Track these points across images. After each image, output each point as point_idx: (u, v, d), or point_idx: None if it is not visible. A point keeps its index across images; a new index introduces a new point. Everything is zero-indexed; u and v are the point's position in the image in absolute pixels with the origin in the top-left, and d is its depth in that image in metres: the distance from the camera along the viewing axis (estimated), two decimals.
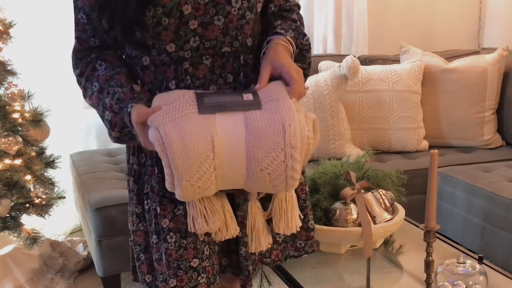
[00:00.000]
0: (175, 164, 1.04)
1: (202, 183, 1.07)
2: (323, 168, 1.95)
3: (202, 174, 1.06)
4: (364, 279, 1.76)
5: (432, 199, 1.46)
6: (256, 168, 1.08)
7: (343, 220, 1.78)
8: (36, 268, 2.53)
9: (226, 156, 1.07)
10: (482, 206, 2.42)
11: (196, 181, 1.06)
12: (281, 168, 1.07)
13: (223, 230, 1.17)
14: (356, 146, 2.88)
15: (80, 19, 1.20)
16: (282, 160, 1.06)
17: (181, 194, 1.08)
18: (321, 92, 2.79)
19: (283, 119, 1.06)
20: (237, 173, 1.09)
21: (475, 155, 2.92)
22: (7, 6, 2.56)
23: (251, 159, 1.07)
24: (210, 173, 1.07)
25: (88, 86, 1.20)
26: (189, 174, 1.05)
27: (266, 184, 1.10)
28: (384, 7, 3.58)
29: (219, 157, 1.06)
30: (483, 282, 1.53)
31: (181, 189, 1.07)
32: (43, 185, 2.60)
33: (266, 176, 1.08)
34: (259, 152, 1.07)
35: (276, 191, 1.13)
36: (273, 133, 1.06)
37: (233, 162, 1.08)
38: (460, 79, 3.04)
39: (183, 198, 1.10)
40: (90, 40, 1.21)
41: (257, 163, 1.07)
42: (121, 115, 1.15)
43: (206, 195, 1.11)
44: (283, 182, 1.09)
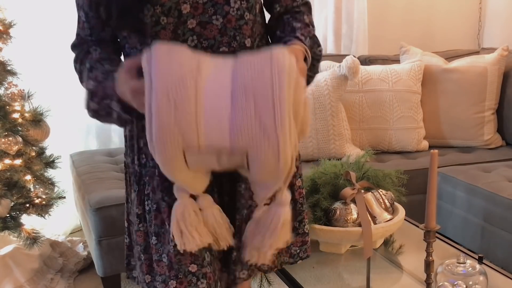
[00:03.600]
0: (156, 85, 1.00)
1: (179, 100, 1.00)
2: (323, 168, 1.96)
3: (182, 89, 1.01)
4: (364, 279, 1.76)
5: (432, 199, 1.46)
6: (241, 98, 1.02)
7: (343, 220, 1.78)
8: (36, 268, 2.53)
9: (210, 79, 1.04)
10: (482, 206, 2.42)
11: (174, 95, 1.00)
12: (268, 92, 1.01)
13: (214, 244, 1.16)
14: (356, 146, 2.88)
15: (80, 16, 1.23)
16: (268, 79, 1.01)
17: (157, 123, 1.01)
18: (321, 92, 2.79)
19: (271, 51, 1.04)
20: (220, 104, 1.04)
21: (475, 155, 2.92)
22: (7, 6, 2.56)
23: (235, 84, 1.03)
24: (191, 93, 1.02)
25: (83, 69, 1.22)
26: (169, 86, 1.00)
27: (252, 122, 1.02)
28: (384, 7, 3.58)
29: (202, 78, 1.03)
30: (483, 282, 1.53)
31: (157, 113, 1.00)
32: (43, 185, 2.60)
33: (251, 102, 1.02)
34: (245, 72, 1.03)
35: (263, 135, 1.03)
36: (260, 60, 1.03)
37: (217, 90, 1.04)
38: (460, 79, 3.04)
39: (160, 135, 1.02)
40: (87, 38, 1.24)
41: (242, 87, 1.02)
42: (104, 84, 1.14)
43: (186, 130, 1.02)
44: (271, 111, 1.01)
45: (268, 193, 1.12)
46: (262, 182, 1.11)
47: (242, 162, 1.06)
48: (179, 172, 1.08)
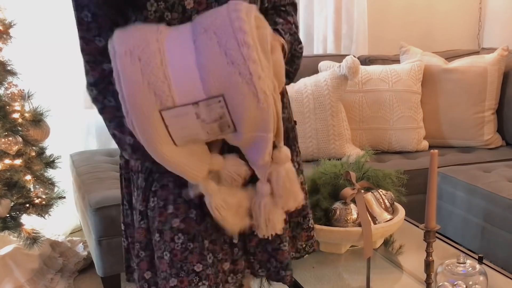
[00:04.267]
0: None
1: (144, 56, 1.00)
2: (323, 168, 1.95)
3: (145, 46, 1.01)
4: (364, 279, 1.76)
5: (432, 199, 1.46)
6: (203, 38, 1.01)
7: (343, 220, 1.78)
8: (36, 268, 2.53)
9: (171, 34, 1.04)
10: (482, 206, 2.42)
11: (137, 52, 1.00)
12: (227, 26, 1.00)
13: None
14: (356, 146, 2.88)
15: (84, 18, 1.17)
16: (226, 16, 1.01)
17: (126, 85, 1.00)
18: (321, 92, 2.79)
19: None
20: (185, 51, 1.03)
21: (475, 155, 2.92)
22: (7, 6, 2.56)
23: (196, 30, 1.03)
24: (154, 47, 1.02)
25: (100, 99, 1.19)
26: (131, 46, 1.00)
27: (219, 60, 1.00)
28: (384, 7, 3.58)
29: (163, 35, 1.03)
30: (483, 282, 1.53)
31: (126, 87, 1.00)
32: (43, 185, 2.60)
33: (214, 38, 1.01)
34: (203, 19, 1.04)
35: (231, 71, 1.00)
36: (217, 8, 1.05)
37: (179, 40, 1.04)
38: (460, 79, 3.04)
39: (131, 97, 1.01)
40: (95, 39, 1.17)
41: (202, 30, 1.02)
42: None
43: (156, 85, 1.01)
44: (234, 42, 1.00)
45: (264, 154, 1.09)
46: (252, 139, 1.07)
47: (223, 115, 1.03)
48: (165, 145, 1.04)
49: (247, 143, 1.09)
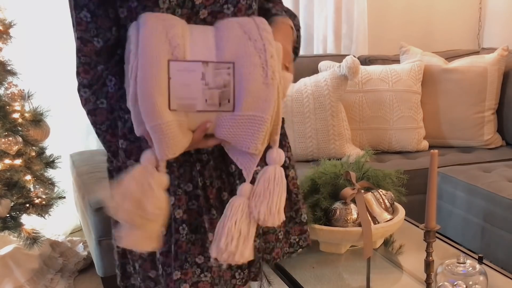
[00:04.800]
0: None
1: (168, 23, 1.04)
2: (323, 168, 1.95)
3: (169, 22, 1.05)
4: (364, 279, 1.76)
5: (432, 199, 1.46)
6: (225, 27, 1.07)
7: (343, 220, 1.78)
8: (36, 268, 2.53)
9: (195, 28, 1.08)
10: (482, 206, 2.42)
11: (162, 19, 1.04)
12: (250, 22, 1.08)
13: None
14: (356, 146, 2.88)
15: (82, 18, 1.17)
16: (251, 21, 1.08)
17: (145, 32, 1.02)
18: (321, 92, 2.79)
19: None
20: (206, 32, 1.07)
21: (475, 155, 2.92)
22: (7, 6, 2.56)
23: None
24: (177, 22, 1.06)
25: (93, 101, 1.19)
26: (156, 19, 1.04)
27: (237, 31, 1.06)
28: (384, 7, 3.58)
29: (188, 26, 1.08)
30: (483, 282, 1.53)
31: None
32: (43, 185, 2.60)
33: (235, 22, 1.07)
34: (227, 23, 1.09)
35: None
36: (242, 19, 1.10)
37: (202, 31, 1.08)
38: (460, 79, 3.04)
39: (147, 41, 1.02)
40: (93, 39, 1.17)
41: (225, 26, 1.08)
42: (138, 144, 1.16)
43: (173, 40, 1.04)
44: (255, 28, 1.06)
45: (258, 139, 1.06)
46: (247, 120, 1.05)
47: (228, 84, 1.04)
48: (161, 97, 1.02)
49: (241, 125, 1.06)
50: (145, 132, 1.06)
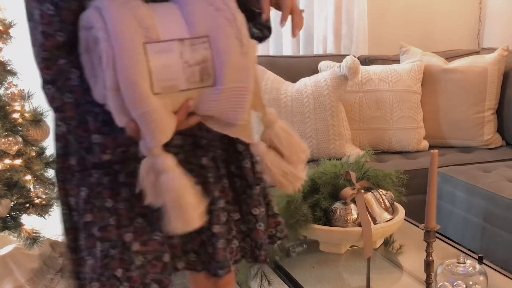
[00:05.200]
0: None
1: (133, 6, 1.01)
2: (323, 168, 1.95)
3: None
4: (364, 279, 1.76)
5: (432, 199, 1.46)
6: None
7: (343, 220, 1.78)
8: (36, 268, 2.53)
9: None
10: (482, 206, 2.42)
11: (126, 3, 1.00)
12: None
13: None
14: (356, 146, 2.88)
15: (45, 11, 1.10)
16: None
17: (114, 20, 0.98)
18: (321, 92, 2.79)
19: None
20: (169, 5, 1.06)
21: (475, 155, 2.92)
22: (7, 6, 2.56)
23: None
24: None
25: (58, 97, 1.14)
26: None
27: (206, 7, 1.04)
28: (384, 7, 3.58)
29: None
30: (483, 282, 1.53)
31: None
32: (43, 185, 2.60)
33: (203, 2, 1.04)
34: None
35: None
36: None
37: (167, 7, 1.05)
38: (460, 79, 3.04)
39: (118, 27, 0.98)
40: (56, 34, 1.11)
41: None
42: (112, 136, 1.12)
43: (144, 23, 1.01)
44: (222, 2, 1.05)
45: (244, 110, 1.08)
46: (231, 92, 1.06)
47: (207, 58, 1.03)
48: (146, 82, 1.00)
49: (225, 98, 1.06)
50: (129, 121, 1.03)
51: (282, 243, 1.81)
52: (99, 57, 1.02)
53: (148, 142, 1.04)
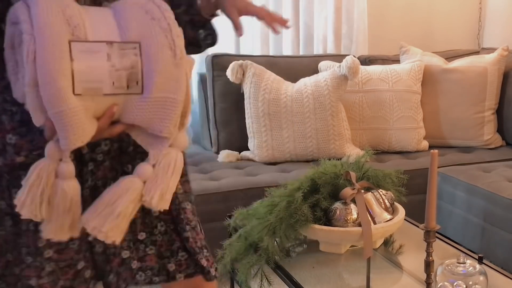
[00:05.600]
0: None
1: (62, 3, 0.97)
2: (323, 168, 1.95)
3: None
4: (364, 279, 1.76)
5: (432, 199, 1.46)
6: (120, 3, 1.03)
7: (343, 220, 1.78)
8: None
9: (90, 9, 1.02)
10: (482, 206, 2.42)
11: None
12: (149, 2, 1.04)
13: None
14: (356, 146, 2.88)
15: None
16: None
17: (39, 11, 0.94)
18: (321, 92, 2.79)
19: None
20: (102, 9, 1.04)
21: (475, 155, 2.92)
22: None
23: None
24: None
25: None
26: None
27: (139, 12, 1.01)
28: (384, 7, 3.58)
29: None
30: (483, 282, 1.53)
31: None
32: None
33: (134, 4, 1.02)
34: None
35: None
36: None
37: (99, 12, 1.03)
38: (460, 79, 3.04)
39: (44, 20, 0.94)
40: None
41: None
42: (29, 137, 1.07)
43: (72, 19, 0.97)
44: (155, 7, 1.02)
45: (171, 122, 1.03)
46: (159, 102, 1.02)
47: (136, 65, 1.00)
48: (65, 81, 0.94)
49: (152, 108, 1.03)
50: (47, 120, 0.98)
51: (282, 243, 1.80)
52: (25, 50, 0.98)
53: (62, 144, 0.99)
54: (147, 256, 1.28)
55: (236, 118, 2.93)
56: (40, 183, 1.01)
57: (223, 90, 2.95)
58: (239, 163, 2.82)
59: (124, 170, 1.21)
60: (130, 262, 1.26)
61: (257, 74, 2.81)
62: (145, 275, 1.28)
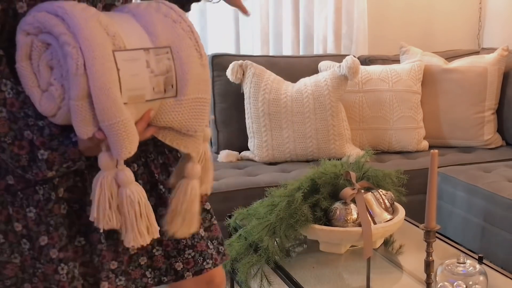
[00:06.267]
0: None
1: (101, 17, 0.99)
2: (323, 168, 1.95)
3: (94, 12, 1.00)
4: (364, 279, 1.76)
5: (432, 199, 1.46)
6: (136, 6, 1.06)
7: (343, 220, 1.78)
8: None
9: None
10: (482, 206, 2.42)
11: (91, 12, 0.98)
12: (163, 6, 1.08)
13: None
14: (356, 146, 2.88)
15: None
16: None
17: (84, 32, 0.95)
18: (321, 92, 2.79)
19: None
20: (122, 14, 1.06)
21: (475, 155, 2.92)
22: None
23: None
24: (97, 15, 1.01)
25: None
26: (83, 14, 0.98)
27: (160, 18, 1.05)
28: (384, 7, 3.58)
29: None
30: (483, 282, 1.53)
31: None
32: None
33: (150, 7, 1.05)
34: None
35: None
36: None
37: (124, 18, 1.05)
38: (460, 79, 3.04)
39: (88, 35, 0.95)
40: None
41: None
42: (61, 151, 1.05)
43: (113, 33, 0.99)
44: (182, 21, 1.06)
45: (204, 120, 1.07)
46: (192, 103, 1.05)
47: (170, 68, 1.03)
48: (115, 89, 0.96)
49: (188, 109, 1.06)
50: (97, 132, 0.99)
51: (282, 243, 1.81)
52: (46, 64, 0.98)
53: (116, 154, 1.00)
54: (155, 257, 1.29)
55: (236, 118, 2.93)
56: (106, 195, 1.03)
57: (223, 90, 2.95)
58: (239, 163, 2.82)
59: (130, 169, 1.22)
60: (139, 258, 1.27)
61: (257, 74, 2.81)
62: (154, 274, 1.29)
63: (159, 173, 1.27)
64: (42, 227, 1.11)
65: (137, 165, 1.24)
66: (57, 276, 1.13)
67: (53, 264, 1.13)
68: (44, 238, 1.12)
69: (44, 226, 1.12)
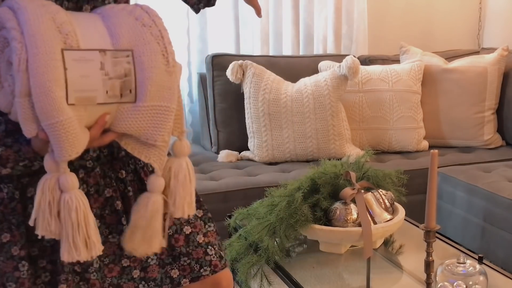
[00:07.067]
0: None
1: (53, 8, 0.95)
2: (323, 168, 1.95)
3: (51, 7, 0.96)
4: (364, 279, 1.76)
5: (432, 199, 1.46)
6: (108, 8, 1.03)
7: (343, 220, 1.78)
8: None
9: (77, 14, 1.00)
10: (482, 206, 2.42)
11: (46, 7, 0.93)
12: (137, 8, 1.04)
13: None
14: (356, 146, 2.88)
15: None
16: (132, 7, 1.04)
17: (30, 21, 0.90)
18: (321, 92, 2.79)
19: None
20: (90, 15, 1.03)
21: (475, 155, 2.92)
22: None
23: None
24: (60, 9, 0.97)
25: None
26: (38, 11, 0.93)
27: (129, 20, 1.01)
28: (384, 7, 3.58)
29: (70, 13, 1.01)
30: (483, 282, 1.53)
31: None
32: None
33: (123, 10, 1.01)
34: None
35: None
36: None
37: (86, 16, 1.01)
38: (460, 79, 3.04)
39: (36, 29, 0.91)
40: None
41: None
42: (15, 148, 1.03)
43: (64, 28, 0.94)
44: (144, 14, 1.02)
45: (165, 130, 1.02)
46: (152, 111, 1.00)
47: (129, 73, 0.98)
48: (61, 91, 0.92)
49: (146, 116, 1.01)
50: (40, 131, 0.95)
51: (282, 243, 1.81)
52: (7, 60, 0.95)
53: (57, 156, 0.96)
54: (149, 267, 1.25)
55: (236, 118, 2.93)
56: (46, 199, 0.98)
57: (223, 90, 2.95)
58: (239, 163, 2.82)
59: (118, 176, 1.20)
60: (131, 271, 1.23)
61: (257, 74, 2.81)
62: (148, 286, 1.25)
63: None
64: (5, 225, 1.11)
65: (126, 172, 1.21)
66: (17, 273, 1.12)
67: (13, 261, 1.12)
68: (7, 235, 1.11)
69: (6, 223, 1.11)
